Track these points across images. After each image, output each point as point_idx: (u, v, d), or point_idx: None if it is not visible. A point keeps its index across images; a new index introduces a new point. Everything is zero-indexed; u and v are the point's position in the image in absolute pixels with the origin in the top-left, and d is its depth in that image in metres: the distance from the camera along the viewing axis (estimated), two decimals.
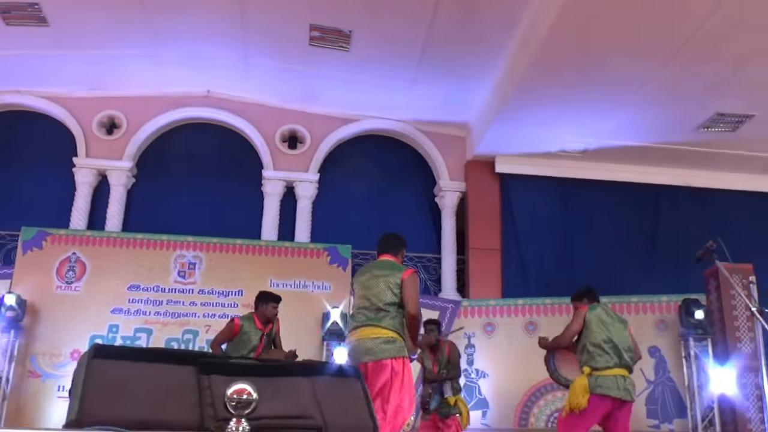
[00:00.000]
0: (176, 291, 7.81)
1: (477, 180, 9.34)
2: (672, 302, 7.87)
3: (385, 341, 4.39)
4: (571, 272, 8.88)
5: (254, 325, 6.03)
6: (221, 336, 6.04)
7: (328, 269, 8.13)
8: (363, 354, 4.37)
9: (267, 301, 6.11)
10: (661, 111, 7.99)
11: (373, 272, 4.70)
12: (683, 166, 9.24)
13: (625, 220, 9.30)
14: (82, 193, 8.75)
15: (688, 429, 7.42)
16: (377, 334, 4.42)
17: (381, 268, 4.71)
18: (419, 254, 9.17)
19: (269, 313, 6.08)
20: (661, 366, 7.74)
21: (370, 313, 4.52)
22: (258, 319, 6.06)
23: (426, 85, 8.49)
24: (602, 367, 5.18)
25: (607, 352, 5.23)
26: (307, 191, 9.12)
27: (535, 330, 7.76)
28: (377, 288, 4.56)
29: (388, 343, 4.40)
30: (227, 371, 1.76)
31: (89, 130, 8.95)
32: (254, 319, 6.07)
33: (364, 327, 4.49)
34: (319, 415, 1.77)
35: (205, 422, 1.65)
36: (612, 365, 5.21)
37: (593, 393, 5.12)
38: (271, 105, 9.27)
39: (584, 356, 5.33)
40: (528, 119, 8.27)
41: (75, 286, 7.69)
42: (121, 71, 8.66)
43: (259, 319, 6.06)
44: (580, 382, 5.20)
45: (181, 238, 8.05)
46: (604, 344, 5.25)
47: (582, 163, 9.23)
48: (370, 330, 4.45)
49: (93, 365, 1.69)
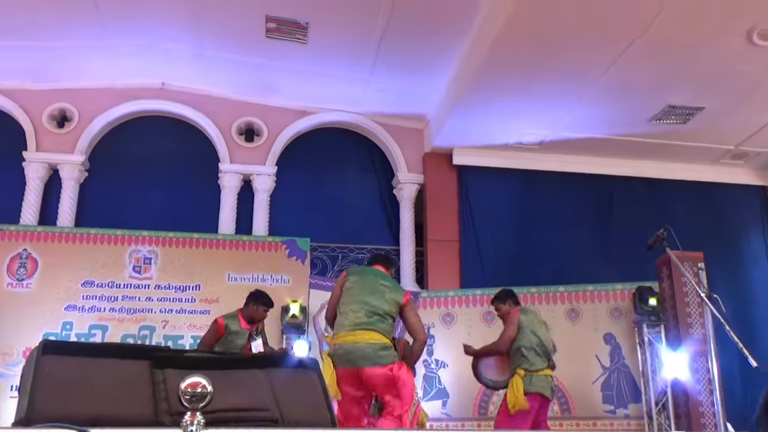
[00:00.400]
0: (132, 286, 7.69)
1: (435, 172, 9.38)
2: (626, 290, 8.03)
3: (382, 347, 4.59)
4: (528, 263, 9.00)
5: (239, 324, 5.86)
6: (208, 338, 5.84)
7: (287, 263, 8.09)
8: (360, 359, 4.53)
9: (260, 304, 5.95)
10: (615, 104, 8.12)
11: (378, 279, 4.89)
12: (636, 158, 9.41)
13: (581, 210, 9.43)
14: (33, 187, 8.54)
15: (643, 413, 7.59)
16: (375, 340, 4.57)
17: (384, 279, 4.95)
18: (378, 246, 9.17)
19: (258, 315, 5.94)
20: (616, 352, 7.90)
21: (366, 316, 4.65)
22: (243, 318, 5.90)
23: (383, 78, 8.48)
24: (535, 369, 5.61)
25: (539, 354, 5.70)
26: (264, 184, 9.05)
27: (493, 320, 7.83)
28: (380, 296, 4.75)
29: (385, 349, 4.61)
30: (181, 365, 1.74)
31: (39, 124, 8.73)
32: (239, 318, 5.89)
33: (360, 330, 4.60)
34: (275, 407, 1.77)
35: (159, 417, 1.63)
36: (544, 367, 5.69)
37: (528, 393, 5.51)
38: (227, 97, 9.16)
39: (518, 359, 5.71)
40: (484, 112, 8.33)
41: (26, 283, 7.52)
42: (72, 63, 8.46)
43: (244, 318, 5.90)
44: (517, 383, 5.49)
45: (136, 233, 7.92)
46: (537, 347, 5.71)
47: (538, 155, 9.33)
48: (367, 334, 4.58)
49: (42, 362, 1.66)
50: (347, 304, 4.80)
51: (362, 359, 4.54)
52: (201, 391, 1.50)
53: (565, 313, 8.06)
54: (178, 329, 7.60)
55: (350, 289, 4.86)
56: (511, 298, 6.15)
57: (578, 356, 7.81)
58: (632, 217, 9.23)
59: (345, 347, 4.61)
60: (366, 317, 4.66)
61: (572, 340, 7.85)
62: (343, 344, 4.64)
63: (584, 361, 7.84)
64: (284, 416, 1.77)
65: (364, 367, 4.54)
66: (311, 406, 1.86)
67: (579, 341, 7.90)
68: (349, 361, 4.57)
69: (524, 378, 5.59)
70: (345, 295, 4.87)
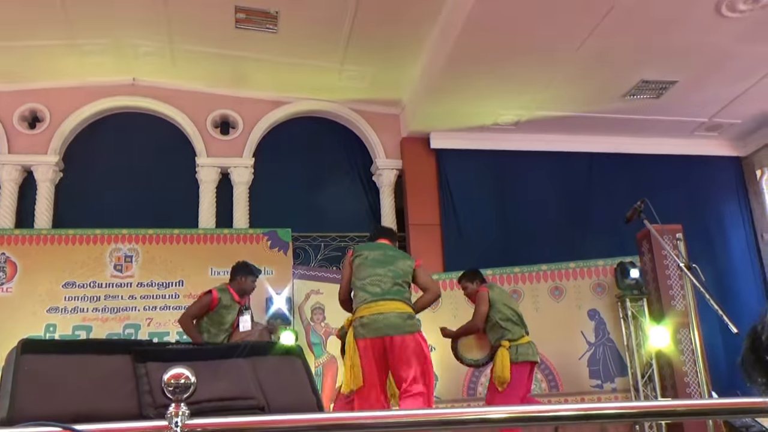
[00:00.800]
0: (114, 285, 7.64)
1: (413, 157, 9.37)
2: (608, 266, 8.10)
3: (409, 317, 4.63)
4: (510, 242, 9.03)
5: (231, 297, 5.63)
6: (195, 310, 5.51)
7: (269, 254, 8.07)
8: (388, 327, 4.51)
9: (247, 274, 5.75)
10: (588, 81, 8.14)
11: (386, 251, 4.95)
12: (612, 134, 9.46)
13: (560, 188, 9.48)
14: (7, 190, 8.42)
15: (630, 386, 7.68)
16: (402, 310, 4.60)
17: (391, 249, 5.02)
18: (360, 233, 9.15)
19: (248, 286, 5.74)
20: (601, 328, 7.98)
21: (386, 286, 4.66)
22: (234, 291, 5.69)
23: (356, 65, 8.45)
24: (517, 338, 5.74)
25: (516, 323, 5.84)
26: (242, 176, 9.00)
27: None
28: (394, 266, 4.78)
29: (411, 318, 4.66)
30: (163, 357, 1.73)
31: (10, 125, 8.60)
32: (230, 291, 5.68)
33: (384, 300, 4.60)
34: (260, 395, 1.76)
35: (144, 410, 1.62)
36: (523, 334, 5.83)
37: (516, 362, 5.62)
38: (200, 91, 9.08)
39: (498, 332, 5.83)
40: (459, 95, 8.33)
41: (6, 287, 7.44)
42: (41, 63, 8.33)
43: (235, 291, 5.69)
44: (504, 354, 5.55)
45: (116, 232, 7.86)
46: (512, 318, 5.85)
47: (515, 135, 9.35)
48: (393, 304, 4.59)
49: (22, 361, 1.64)
50: (362, 279, 4.76)
51: (390, 328, 4.51)
52: (184, 382, 1.49)
53: (549, 291, 8.12)
54: (164, 326, 7.55)
55: (361, 265, 4.83)
56: (478, 277, 6.27)
57: (564, 333, 7.88)
58: (611, 193, 9.28)
59: (371, 317, 4.56)
60: (386, 288, 4.66)
61: (557, 317, 7.92)
62: (369, 315, 4.59)
63: (570, 337, 7.91)
64: (270, 403, 1.76)
65: (393, 336, 4.50)
66: (297, 392, 1.86)
67: (564, 318, 7.96)
68: (376, 329, 4.52)
69: (510, 349, 5.68)
70: (358, 272, 4.83)
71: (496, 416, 1.75)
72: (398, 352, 4.52)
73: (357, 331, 4.61)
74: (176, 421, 1.46)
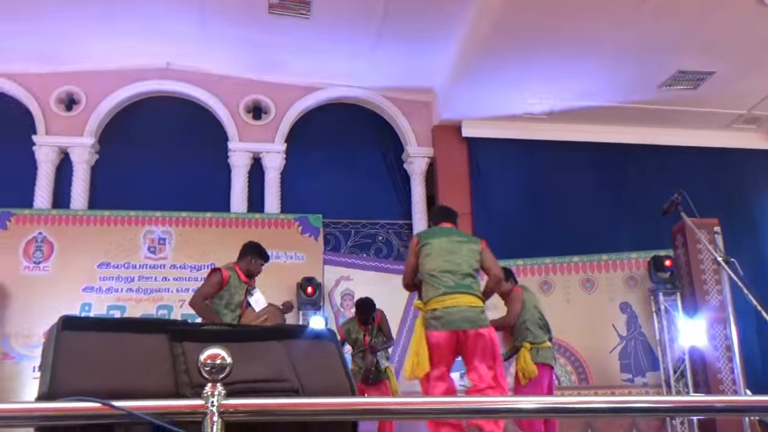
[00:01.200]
0: (147, 267, 7.75)
1: (444, 145, 9.34)
2: (641, 259, 8.01)
3: (482, 311, 4.62)
4: (541, 233, 8.96)
5: (239, 277, 5.39)
6: (208, 289, 5.24)
7: (300, 239, 8.12)
8: (463, 322, 4.51)
9: (258, 257, 5.49)
10: (624, 70, 8.03)
11: (451, 237, 4.83)
12: (647, 125, 9.32)
13: (593, 179, 9.37)
14: (45, 171, 8.57)
15: (661, 381, 7.60)
16: (475, 304, 4.59)
17: (458, 235, 4.91)
18: (390, 221, 9.17)
19: (256, 269, 5.50)
20: (633, 321, 7.89)
21: (457, 278, 4.63)
22: (241, 271, 5.43)
23: (389, 51, 8.42)
24: (539, 342, 5.73)
25: (542, 328, 5.83)
26: (274, 162, 9.04)
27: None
28: (461, 253, 4.71)
29: (484, 312, 4.65)
30: (199, 338, 1.75)
31: (48, 107, 8.74)
32: (237, 270, 5.42)
33: (457, 294, 4.57)
34: (294, 378, 1.77)
35: (180, 389, 1.64)
36: (545, 339, 5.81)
37: (535, 362, 5.62)
38: (233, 76, 9.13)
39: (523, 333, 5.80)
40: (492, 83, 8.26)
41: (43, 266, 7.58)
42: (77, 45, 8.44)
43: (243, 272, 5.44)
44: (525, 354, 5.64)
45: (150, 214, 7.96)
46: (539, 322, 5.84)
47: (548, 125, 9.26)
48: (466, 297, 4.57)
49: (62, 337, 1.67)
50: (432, 270, 4.70)
51: (465, 321, 4.50)
52: (220, 362, 1.50)
53: (581, 283, 8.05)
54: None
55: (429, 255, 4.76)
56: (512, 277, 6.23)
57: (595, 326, 7.82)
58: (645, 186, 9.17)
59: (444, 310, 4.54)
60: (458, 280, 4.63)
61: (588, 310, 7.85)
62: (442, 308, 4.57)
63: (601, 330, 7.84)
64: (304, 386, 1.77)
65: (467, 330, 4.50)
66: (330, 376, 1.87)
67: (595, 311, 7.89)
68: (449, 323, 4.51)
69: (530, 351, 5.72)
70: (426, 262, 4.76)
71: (527, 406, 1.74)
72: (472, 346, 4.53)
73: (429, 323, 4.59)
74: (212, 400, 1.47)
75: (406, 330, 7.98)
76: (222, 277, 5.24)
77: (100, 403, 1.43)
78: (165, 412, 1.49)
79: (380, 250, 9.04)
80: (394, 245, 9.10)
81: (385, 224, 9.13)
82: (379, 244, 9.07)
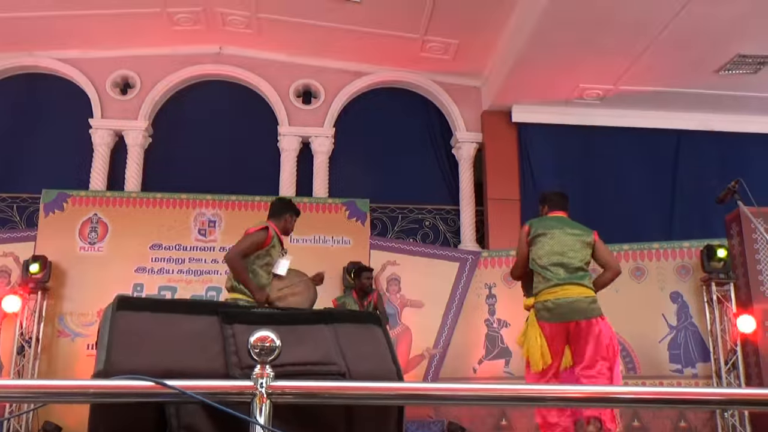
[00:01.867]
0: (198, 249, 7.89)
1: (494, 130, 9.25)
2: (693, 248, 7.83)
3: (592, 301, 4.58)
4: (591, 220, 8.73)
5: (278, 236, 4.96)
6: (247, 246, 4.78)
7: (347, 224, 8.16)
8: (575, 313, 4.50)
9: (295, 214, 5.15)
10: (680, 54, 7.81)
11: (565, 229, 4.78)
12: (703, 110, 9.08)
13: (646, 166, 9.19)
14: (100, 154, 8.79)
15: (712, 373, 7.45)
16: (586, 294, 4.55)
17: (571, 226, 4.84)
18: (437, 206, 9.15)
19: (291, 225, 5.13)
20: (683, 311, 7.74)
21: (569, 271, 4.60)
22: (278, 229, 4.99)
23: (439, 36, 8.37)
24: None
25: None
26: (323, 146, 9.09)
27: None
28: (575, 248, 4.67)
29: (595, 302, 4.61)
30: (249, 320, 1.78)
31: (103, 91, 8.95)
32: (276, 230, 4.96)
33: (570, 285, 4.56)
34: (341, 361, 1.79)
35: (230, 370, 1.67)
36: None
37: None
38: (283, 60, 9.20)
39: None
40: (543, 67, 8.14)
41: (98, 247, 7.78)
42: (132, 30, 8.60)
43: (279, 230, 5.00)
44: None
45: (200, 197, 8.09)
46: None
47: (600, 110, 9.09)
48: (578, 289, 4.55)
49: (117, 317, 1.72)
50: (544, 260, 4.67)
51: (576, 312, 4.49)
52: (270, 345, 1.52)
53: (630, 272, 7.90)
54: None
55: (542, 245, 4.73)
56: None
57: (644, 315, 7.68)
58: (699, 173, 8.95)
59: (556, 302, 4.53)
60: (569, 272, 4.60)
61: (637, 299, 7.71)
62: (554, 299, 4.55)
63: (650, 320, 7.70)
64: (351, 370, 1.79)
65: (579, 321, 4.49)
66: (378, 361, 1.88)
67: (644, 300, 7.75)
68: (561, 314, 4.51)
69: None
70: (538, 251, 4.72)
71: (575, 395, 1.72)
72: (584, 336, 4.51)
73: (541, 314, 4.58)
74: (261, 382, 1.50)
75: (451, 317, 7.96)
76: (268, 235, 4.81)
77: (153, 382, 1.47)
78: (215, 392, 1.52)
79: (427, 235, 9.03)
80: (440, 231, 9.08)
81: (432, 210, 9.11)
82: (426, 230, 9.06)
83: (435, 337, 7.89)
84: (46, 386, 1.55)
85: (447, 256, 8.28)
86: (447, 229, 9.11)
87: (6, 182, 8.63)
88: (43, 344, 7.36)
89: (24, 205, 8.59)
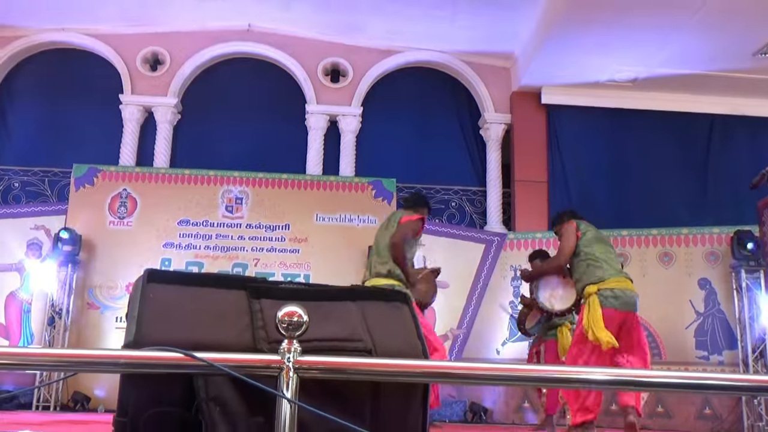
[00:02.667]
0: (224, 225, 7.95)
1: (523, 112, 9.18)
2: (723, 234, 7.72)
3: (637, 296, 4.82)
4: (619, 204, 8.76)
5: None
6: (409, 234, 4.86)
7: (373, 203, 8.16)
8: (632, 306, 4.71)
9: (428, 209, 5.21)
10: (715, 37, 7.67)
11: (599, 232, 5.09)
12: (736, 95, 8.92)
13: (676, 150, 9.07)
14: (130, 129, 8.87)
15: (738, 360, 7.37)
16: (634, 290, 4.78)
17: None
18: (464, 187, 9.12)
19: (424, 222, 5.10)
20: (711, 298, 7.65)
21: (619, 264, 4.91)
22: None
23: (469, 14, 8.29)
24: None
25: None
26: (350, 125, 9.08)
27: None
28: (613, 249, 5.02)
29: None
30: (277, 295, 1.78)
31: (134, 67, 9.01)
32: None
33: (624, 278, 4.76)
34: (368, 338, 1.79)
35: (258, 344, 1.68)
36: None
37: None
38: (312, 38, 9.18)
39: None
40: (575, 48, 8.04)
41: (127, 221, 7.88)
42: (162, 6, 8.63)
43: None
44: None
45: (228, 174, 8.14)
46: None
47: (631, 93, 8.98)
48: (630, 283, 4.78)
49: (147, 289, 1.73)
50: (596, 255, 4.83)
51: (634, 305, 4.71)
52: (297, 320, 1.53)
53: (658, 257, 7.83)
54: (270, 267, 7.83)
55: (591, 241, 4.90)
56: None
57: (671, 301, 7.61)
58: (731, 158, 8.82)
59: (622, 291, 4.69)
60: (619, 265, 4.89)
61: (665, 284, 7.65)
62: (620, 288, 4.70)
63: (677, 306, 7.64)
64: (377, 347, 1.79)
65: (635, 313, 4.71)
66: (404, 338, 1.88)
67: (672, 286, 7.68)
68: (626, 303, 4.67)
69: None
70: (589, 243, 4.89)
71: (598, 377, 1.71)
72: (636, 328, 4.75)
73: (608, 300, 4.67)
74: (288, 356, 1.51)
75: (475, 298, 7.96)
76: (421, 226, 4.95)
77: (182, 354, 1.49)
78: (243, 365, 1.54)
79: (453, 216, 9.01)
80: (467, 212, 9.06)
81: (458, 190, 9.08)
82: (452, 210, 9.04)
83: (459, 318, 7.90)
84: (79, 355, 1.57)
85: (473, 238, 8.26)
86: (473, 210, 9.08)
87: (37, 156, 8.76)
88: (72, 316, 7.50)
89: (55, 179, 8.72)
